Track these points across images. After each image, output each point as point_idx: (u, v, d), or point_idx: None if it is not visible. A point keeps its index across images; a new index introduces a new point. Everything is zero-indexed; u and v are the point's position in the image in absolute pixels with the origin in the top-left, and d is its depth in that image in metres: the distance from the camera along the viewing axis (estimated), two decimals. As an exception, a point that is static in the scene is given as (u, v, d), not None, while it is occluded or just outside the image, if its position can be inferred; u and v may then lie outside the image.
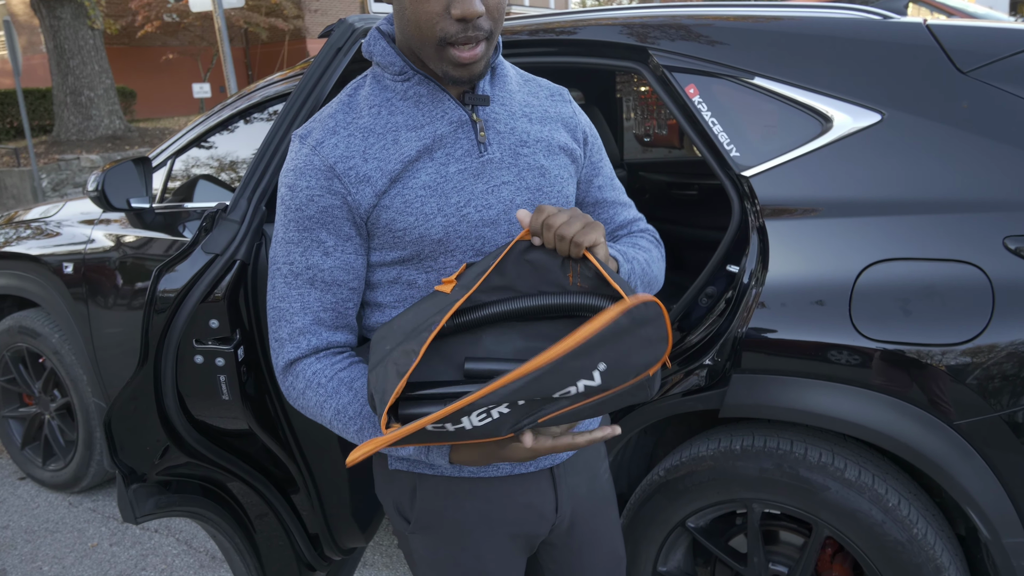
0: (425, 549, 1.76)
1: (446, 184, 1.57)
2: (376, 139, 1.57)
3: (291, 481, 2.51)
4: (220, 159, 3.62)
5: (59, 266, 3.92)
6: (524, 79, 1.78)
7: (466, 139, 1.60)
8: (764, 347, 2.24)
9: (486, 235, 1.60)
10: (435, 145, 1.58)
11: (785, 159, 2.25)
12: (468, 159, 1.59)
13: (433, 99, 1.60)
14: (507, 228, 1.62)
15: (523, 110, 1.71)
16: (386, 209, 1.56)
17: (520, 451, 1.44)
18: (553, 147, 1.71)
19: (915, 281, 2.06)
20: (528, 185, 1.65)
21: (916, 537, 2.14)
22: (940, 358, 2.04)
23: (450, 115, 1.60)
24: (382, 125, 1.58)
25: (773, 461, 2.28)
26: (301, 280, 1.60)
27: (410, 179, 1.56)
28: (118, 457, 2.28)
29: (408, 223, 1.56)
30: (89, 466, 4.29)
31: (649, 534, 2.54)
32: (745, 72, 2.33)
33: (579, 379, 1.28)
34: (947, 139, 2.10)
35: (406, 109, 1.59)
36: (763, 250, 2.24)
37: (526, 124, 1.69)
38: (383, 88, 1.61)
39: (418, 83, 1.59)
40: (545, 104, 1.76)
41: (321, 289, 1.60)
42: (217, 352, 2.28)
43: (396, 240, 1.58)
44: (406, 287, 1.64)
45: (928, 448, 2.09)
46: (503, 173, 1.63)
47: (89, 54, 17.00)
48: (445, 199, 1.57)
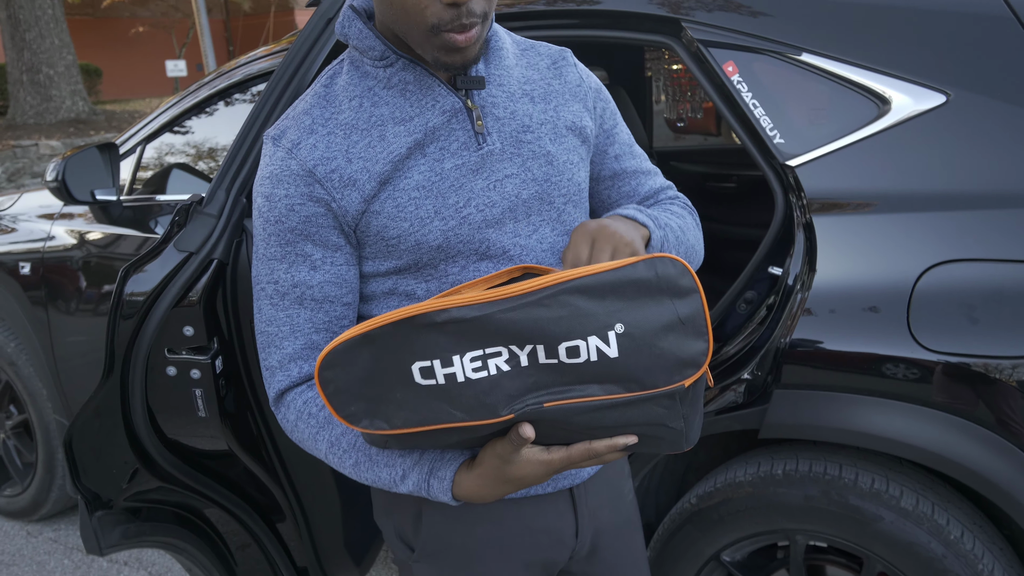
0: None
1: (442, 183, 1.55)
2: (360, 136, 1.55)
3: (276, 508, 2.52)
4: (196, 146, 3.64)
5: (15, 266, 3.94)
6: (521, 48, 1.74)
7: (461, 130, 1.58)
8: (810, 359, 2.24)
9: (491, 237, 1.59)
10: (427, 139, 1.56)
11: (836, 147, 2.25)
12: (465, 152, 1.57)
13: (421, 86, 1.56)
14: (513, 228, 1.61)
15: (523, 88, 1.68)
16: (376, 215, 1.54)
17: (531, 466, 1.42)
18: (559, 128, 1.69)
19: (983, 285, 2.06)
20: (535, 176, 1.63)
21: (981, 574, 2.14)
22: (1011, 372, 2.04)
23: (442, 103, 1.57)
24: (365, 119, 1.56)
25: (820, 488, 2.28)
26: (288, 300, 1.59)
27: (401, 180, 1.54)
28: (81, 481, 2.29)
29: (402, 229, 1.54)
30: (50, 491, 4.30)
31: (679, 569, 2.55)
32: (791, 48, 2.33)
33: (591, 334, 1.29)
34: (1021, 123, 2.10)
35: (391, 99, 1.57)
36: (810, 250, 2.25)
37: (528, 105, 1.66)
38: (363, 76, 1.59)
39: (403, 68, 1.56)
40: (548, 76, 1.73)
41: (311, 308, 1.59)
42: (192, 363, 2.28)
43: (390, 249, 1.56)
44: (404, 299, 1.62)
45: (995, 474, 2.09)
46: (506, 165, 1.60)
47: (48, 26, 17.08)
48: (442, 200, 1.55)
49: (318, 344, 1.61)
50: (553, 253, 1.67)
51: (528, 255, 1.63)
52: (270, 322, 1.61)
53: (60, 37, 17.31)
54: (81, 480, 2.28)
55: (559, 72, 1.75)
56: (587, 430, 1.37)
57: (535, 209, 1.63)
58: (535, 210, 1.63)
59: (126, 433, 2.33)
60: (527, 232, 1.63)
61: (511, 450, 1.39)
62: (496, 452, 1.42)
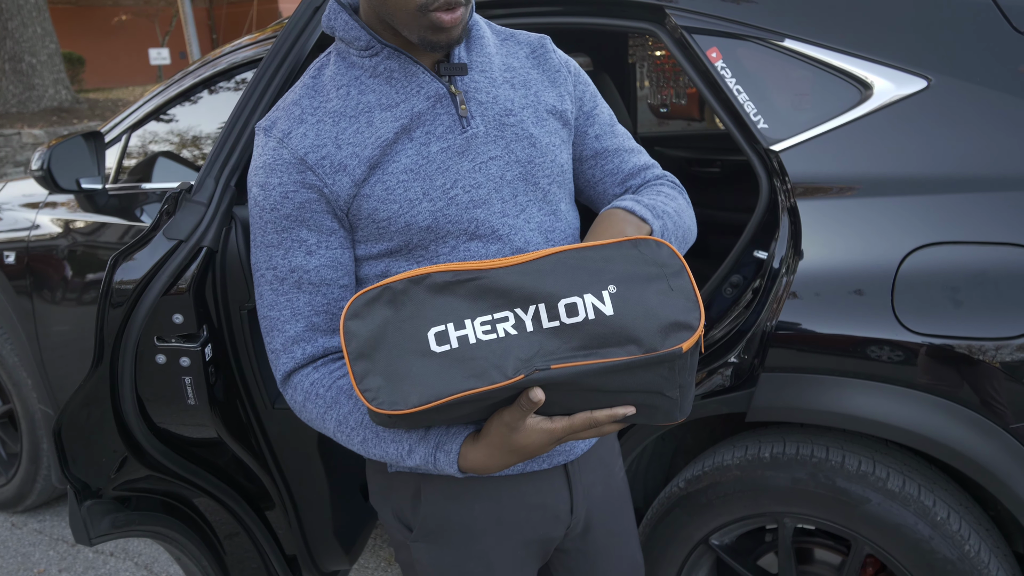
0: (429, 559, 1.80)
1: (429, 165, 1.59)
2: (348, 123, 1.59)
3: (265, 496, 2.53)
4: (182, 134, 3.63)
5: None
6: (501, 38, 1.79)
7: (446, 114, 1.62)
8: (796, 343, 2.26)
9: (478, 217, 1.63)
10: (413, 124, 1.60)
11: (819, 131, 2.26)
12: (450, 136, 1.61)
13: (406, 73, 1.61)
14: (500, 208, 1.65)
15: (504, 75, 1.72)
16: (367, 198, 1.58)
17: (536, 434, 1.45)
18: (541, 112, 1.73)
19: (966, 268, 2.07)
20: (518, 158, 1.67)
21: (968, 555, 2.16)
22: (994, 353, 2.05)
23: (426, 89, 1.61)
24: (353, 107, 1.60)
25: (807, 470, 2.30)
26: (287, 285, 1.63)
27: (390, 164, 1.58)
28: (69, 470, 2.29)
29: (392, 211, 1.58)
30: (35, 482, 4.30)
31: (668, 553, 2.57)
32: (774, 34, 2.34)
33: (586, 291, 1.36)
34: (1002, 108, 2.10)
35: (377, 87, 1.61)
36: (795, 234, 2.26)
37: (509, 90, 1.71)
38: (349, 66, 1.63)
39: (387, 57, 1.60)
40: (527, 65, 1.77)
41: (310, 292, 1.63)
42: (182, 351, 2.28)
43: (381, 231, 1.60)
44: None
45: (981, 455, 2.10)
46: (490, 148, 1.65)
47: (30, 14, 17.00)
48: (430, 182, 1.59)
49: (318, 326, 1.65)
50: (541, 232, 1.71)
51: (517, 234, 1.67)
52: (272, 307, 1.65)
53: (43, 26, 17.23)
54: (70, 469, 2.29)
55: (538, 59, 1.79)
56: (590, 394, 1.42)
57: (520, 190, 1.68)
58: (520, 190, 1.68)
59: (115, 422, 2.33)
60: (514, 212, 1.67)
61: (519, 416, 1.41)
62: (503, 420, 1.44)
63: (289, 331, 1.64)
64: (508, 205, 1.66)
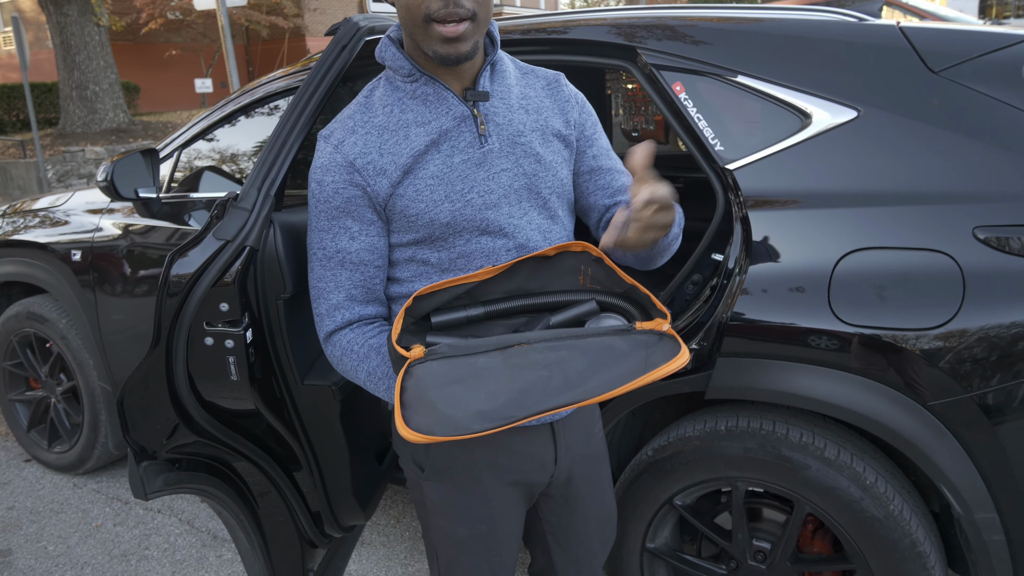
0: (437, 494, 1.86)
1: (451, 173, 1.68)
2: (390, 135, 1.70)
3: (294, 460, 2.53)
4: (223, 152, 3.63)
5: (67, 254, 3.93)
6: (522, 72, 1.86)
7: (468, 132, 1.70)
8: (747, 332, 2.27)
9: (489, 216, 1.71)
10: (441, 139, 1.69)
11: (767, 153, 2.28)
12: (471, 150, 1.69)
13: (438, 97, 1.70)
14: (507, 210, 1.72)
15: (520, 102, 1.79)
16: (400, 197, 1.69)
17: None
18: (547, 135, 1.80)
19: (890, 269, 2.09)
20: (525, 171, 1.74)
21: (892, 513, 2.17)
22: (914, 342, 2.07)
23: (453, 111, 1.69)
24: (395, 122, 1.71)
25: (756, 441, 2.30)
26: (333, 262, 1.76)
27: (420, 170, 1.68)
28: (130, 435, 2.30)
29: (420, 209, 1.68)
30: (94, 448, 4.29)
31: (638, 512, 2.57)
32: (729, 71, 2.35)
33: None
34: (919, 135, 2.12)
35: (415, 107, 1.70)
36: (746, 239, 2.26)
37: (522, 116, 1.77)
38: (395, 89, 1.73)
39: (425, 83, 1.69)
40: (542, 95, 1.84)
41: (350, 269, 1.76)
42: (227, 334, 2.29)
43: (410, 224, 1.70)
44: (421, 264, 1.76)
45: (904, 428, 2.12)
46: (502, 161, 1.72)
47: (95, 50, 16.95)
48: (451, 187, 1.68)
49: (356, 297, 1.79)
50: (540, 232, 1.78)
51: (520, 233, 1.74)
52: (320, 279, 1.79)
53: (104, 59, 17.17)
54: (130, 434, 2.29)
55: (552, 91, 1.87)
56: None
57: (524, 197, 1.75)
58: (524, 197, 1.75)
59: (169, 394, 2.33)
60: (519, 214, 1.74)
61: None
62: None
63: (332, 299, 1.78)
64: (514, 209, 1.74)
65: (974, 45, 2.18)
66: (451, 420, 1.41)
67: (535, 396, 1.46)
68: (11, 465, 4.69)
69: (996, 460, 2.07)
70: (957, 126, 2.10)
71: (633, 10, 2.64)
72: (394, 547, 3.65)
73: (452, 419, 1.41)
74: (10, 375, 4.64)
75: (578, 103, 1.90)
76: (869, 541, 2.21)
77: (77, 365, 4.13)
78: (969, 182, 2.06)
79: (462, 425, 1.41)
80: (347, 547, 2.84)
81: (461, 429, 1.40)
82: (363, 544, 3.69)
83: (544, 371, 1.49)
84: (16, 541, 3.86)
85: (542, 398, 1.46)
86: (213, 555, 3.67)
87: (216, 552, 3.70)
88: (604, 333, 1.55)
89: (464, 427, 1.41)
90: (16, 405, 4.67)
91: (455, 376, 1.47)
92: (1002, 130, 2.07)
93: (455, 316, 1.62)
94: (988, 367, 2.02)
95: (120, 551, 3.74)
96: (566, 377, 1.49)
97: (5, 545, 3.83)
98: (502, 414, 1.43)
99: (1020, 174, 2.02)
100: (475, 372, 1.48)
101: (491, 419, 1.43)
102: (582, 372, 1.50)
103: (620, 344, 1.54)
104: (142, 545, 3.78)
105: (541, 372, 1.49)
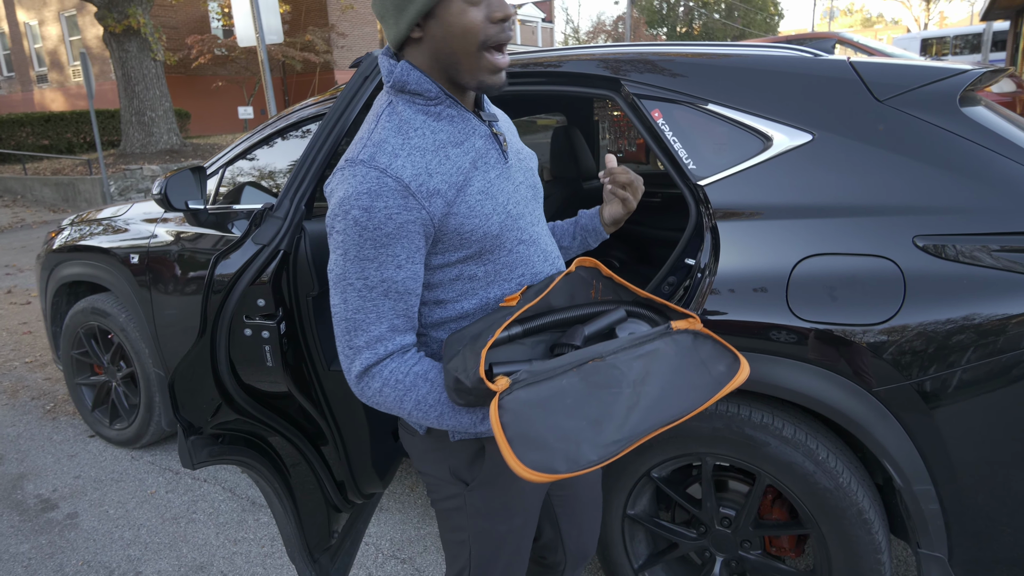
0: (482, 500, 1.76)
1: (492, 187, 1.60)
2: (432, 156, 1.53)
3: (321, 435, 2.53)
4: (262, 169, 3.64)
5: (126, 257, 3.94)
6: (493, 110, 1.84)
7: (495, 150, 1.65)
8: (716, 326, 2.26)
9: (522, 225, 1.67)
10: (478, 157, 1.61)
11: (733, 171, 2.27)
12: (499, 166, 1.65)
13: (462, 118, 1.61)
14: (529, 219, 1.71)
15: (505, 124, 1.81)
16: (455, 216, 1.53)
17: None
18: (524, 150, 1.83)
19: (841, 272, 2.08)
20: (531, 183, 1.76)
21: (841, 485, 2.18)
22: (861, 336, 2.06)
23: (479, 131, 1.63)
24: (431, 143, 1.55)
25: (723, 421, 2.30)
26: (376, 293, 1.51)
27: (469, 187, 1.56)
28: (179, 413, 2.30)
29: (475, 224, 1.55)
30: (149, 426, 4.31)
31: (620, 483, 2.57)
32: (701, 99, 2.35)
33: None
34: (866, 155, 2.11)
35: (443, 128, 1.58)
36: (715, 246, 2.26)
37: (513, 138, 1.79)
38: (417, 111, 1.58)
39: (449, 106, 1.59)
40: (511, 124, 1.87)
41: (394, 299, 1.53)
42: (263, 326, 2.30)
43: (463, 241, 1.56)
44: (468, 281, 1.62)
45: (852, 411, 2.12)
46: (518, 175, 1.72)
47: (151, 81, 16.97)
48: (495, 200, 1.60)
49: (398, 327, 1.56)
50: (547, 235, 1.80)
51: (541, 239, 1.74)
52: (358, 310, 1.53)
53: (160, 89, 17.19)
54: (180, 412, 2.29)
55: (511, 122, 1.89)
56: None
57: (534, 205, 1.77)
58: (534, 206, 1.76)
59: (213, 378, 2.34)
60: (536, 221, 1.74)
61: None
62: None
63: (374, 331, 1.53)
64: (533, 216, 1.73)
65: (915, 78, 2.18)
66: (568, 454, 1.28)
67: (634, 417, 1.36)
68: (77, 440, 4.69)
69: (932, 439, 2.06)
70: (899, 148, 2.09)
71: (619, 47, 2.64)
72: (408, 512, 3.64)
73: (568, 453, 1.28)
74: (77, 362, 4.64)
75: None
76: (821, 509, 2.21)
77: (135, 354, 4.14)
78: (910, 197, 2.05)
79: (582, 458, 1.28)
80: (367, 512, 2.83)
81: (584, 463, 1.28)
82: (381, 510, 3.69)
83: (620, 387, 1.39)
84: (82, 505, 3.87)
85: (640, 419, 1.36)
86: (252, 519, 3.68)
87: (254, 516, 3.70)
88: (649, 339, 1.49)
89: (585, 460, 1.28)
90: (82, 388, 4.68)
91: (544, 403, 1.33)
92: (939, 151, 2.06)
93: (499, 338, 1.47)
94: (925, 358, 2.01)
95: (171, 515, 3.75)
96: (646, 392, 1.40)
97: (72, 509, 3.84)
98: (611, 440, 1.32)
99: (954, 190, 2.02)
100: (560, 394, 1.35)
101: (605, 446, 1.31)
102: (657, 384, 1.42)
103: (668, 349, 1.49)
104: (190, 510, 3.79)
105: (618, 388, 1.38)
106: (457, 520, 1.81)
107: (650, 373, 1.42)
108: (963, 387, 2.00)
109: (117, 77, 16.87)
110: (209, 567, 3.29)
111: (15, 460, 4.45)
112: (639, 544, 2.66)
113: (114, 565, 3.34)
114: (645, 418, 1.36)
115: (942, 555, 2.15)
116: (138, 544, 3.50)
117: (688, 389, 1.43)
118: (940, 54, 26.15)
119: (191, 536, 3.55)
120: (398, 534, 3.47)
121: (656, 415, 1.37)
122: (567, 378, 1.37)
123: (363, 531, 2.80)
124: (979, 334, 1.96)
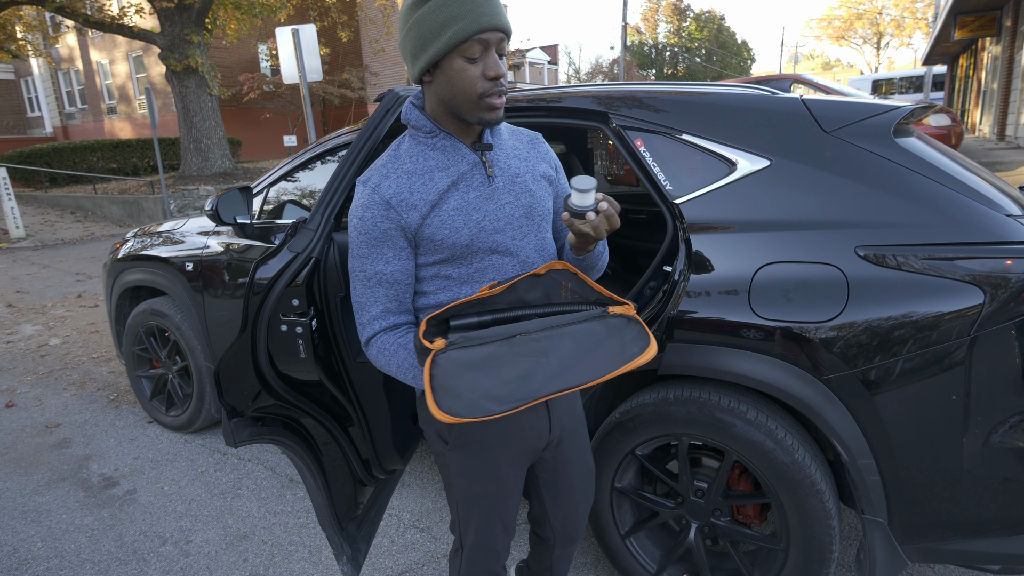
0: (457, 461, 1.82)
1: (468, 206, 1.66)
2: (417, 178, 1.66)
3: (348, 418, 2.54)
4: (301, 189, 3.65)
5: (182, 265, 3.97)
6: (511, 131, 1.86)
7: (479, 174, 1.70)
8: (690, 324, 2.28)
9: (498, 239, 1.70)
10: (459, 180, 1.68)
11: (704, 191, 2.30)
12: (482, 188, 1.69)
13: (454, 148, 1.69)
14: (511, 234, 1.72)
15: (514, 152, 1.80)
16: (428, 227, 1.65)
17: None
18: (536, 176, 1.81)
19: (794, 277, 2.11)
20: (522, 203, 1.74)
21: (797, 460, 2.19)
22: (813, 331, 2.09)
23: (467, 158, 1.69)
24: (420, 168, 1.67)
25: (696, 406, 2.31)
26: (372, 282, 1.70)
27: (444, 204, 1.65)
28: (223, 398, 2.32)
29: (444, 235, 1.65)
30: (200, 413, 4.32)
31: (609, 460, 2.57)
32: (676, 130, 2.38)
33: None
34: (816, 178, 2.15)
35: (435, 156, 1.69)
36: (688, 255, 2.28)
37: (517, 162, 1.78)
38: (418, 143, 1.71)
39: (443, 138, 1.69)
40: (527, 148, 1.85)
41: (386, 287, 1.70)
42: (297, 323, 2.31)
43: (436, 247, 1.67)
44: (444, 279, 1.72)
45: (805, 396, 2.14)
46: (505, 196, 1.72)
47: (207, 113, 17.05)
48: (468, 217, 1.66)
49: (390, 309, 1.73)
50: (536, 250, 1.79)
51: (522, 252, 1.74)
52: (361, 296, 1.73)
53: (215, 119, 17.26)
54: (224, 397, 2.30)
55: (533, 145, 1.87)
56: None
57: (524, 223, 1.75)
58: (524, 224, 1.75)
59: (254, 367, 2.35)
60: (520, 236, 1.74)
61: None
62: None
63: (372, 311, 1.72)
64: (517, 232, 1.73)
65: (856, 112, 2.21)
66: (473, 404, 1.41)
67: (537, 380, 1.47)
68: (137, 426, 4.71)
69: (873, 420, 2.08)
70: (844, 172, 2.13)
71: (611, 85, 2.68)
72: (427, 488, 3.66)
73: (474, 403, 1.41)
74: (138, 357, 4.66)
75: (552, 156, 1.91)
76: (780, 481, 2.22)
77: (188, 349, 4.16)
78: (852, 213, 2.08)
79: (483, 408, 1.41)
80: (390, 486, 2.82)
81: (483, 411, 1.41)
82: (403, 485, 3.70)
83: (542, 357, 1.49)
84: (140, 483, 3.89)
85: (543, 382, 1.47)
86: (290, 494, 3.69)
87: (292, 492, 3.71)
88: (585, 319, 1.57)
89: (485, 409, 1.41)
90: (142, 380, 4.71)
91: (471, 363, 1.46)
92: (876, 175, 2.10)
93: (469, 321, 1.57)
94: (867, 351, 2.04)
95: (219, 490, 3.77)
96: (560, 361, 1.50)
97: (131, 486, 3.86)
98: (513, 397, 1.44)
99: (889, 208, 2.05)
100: (487, 359, 1.47)
101: (505, 401, 1.43)
102: (572, 355, 1.51)
103: (599, 328, 1.57)
104: (236, 486, 3.81)
105: (540, 358, 1.49)
106: (446, 475, 1.90)
107: (574, 346, 1.53)
108: (899, 376, 2.03)
109: (177, 109, 16.97)
110: (251, 536, 3.31)
111: (82, 443, 4.48)
112: (625, 513, 2.66)
113: (167, 535, 3.36)
114: (548, 383, 1.48)
115: (883, 520, 2.16)
116: (189, 516, 3.52)
117: (599, 362, 1.52)
118: (888, 93, 26.16)
119: (236, 509, 3.57)
120: (418, 506, 3.48)
121: (561, 381, 1.49)
122: (495, 346, 1.49)
123: (386, 503, 2.79)
124: (912, 330, 1.99)
